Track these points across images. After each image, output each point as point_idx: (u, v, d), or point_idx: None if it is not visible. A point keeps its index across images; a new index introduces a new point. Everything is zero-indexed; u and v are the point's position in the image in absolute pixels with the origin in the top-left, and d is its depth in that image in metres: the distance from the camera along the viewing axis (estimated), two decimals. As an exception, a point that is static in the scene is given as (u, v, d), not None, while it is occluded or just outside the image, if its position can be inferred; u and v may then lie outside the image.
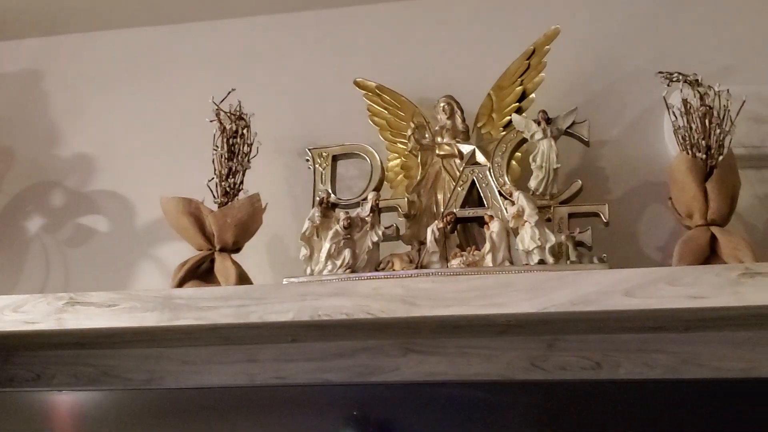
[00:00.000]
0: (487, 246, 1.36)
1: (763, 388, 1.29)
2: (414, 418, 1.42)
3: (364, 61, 1.68)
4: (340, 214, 1.44)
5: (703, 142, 1.34)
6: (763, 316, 1.24)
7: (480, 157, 1.46)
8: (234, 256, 1.49)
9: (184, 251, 1.54)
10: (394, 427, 1.44)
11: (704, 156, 1.34)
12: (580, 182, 1.40)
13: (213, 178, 1.51)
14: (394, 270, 1.39)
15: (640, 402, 1.33)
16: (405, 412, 1.43)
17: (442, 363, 1.44)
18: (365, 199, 1.45)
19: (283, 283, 1.39)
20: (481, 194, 1.44)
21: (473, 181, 1.44)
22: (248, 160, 1.52)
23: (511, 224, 1.37)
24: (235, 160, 1.51)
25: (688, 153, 1.35)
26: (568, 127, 1.42)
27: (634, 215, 1.48)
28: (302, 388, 1.48)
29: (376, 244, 1.42)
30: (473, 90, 1.52)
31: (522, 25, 1.58)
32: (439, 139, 1.51)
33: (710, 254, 1.32)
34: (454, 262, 1.37)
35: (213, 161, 1.51)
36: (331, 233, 1.42)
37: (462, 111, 1.51)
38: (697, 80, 1.36)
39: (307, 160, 1.54)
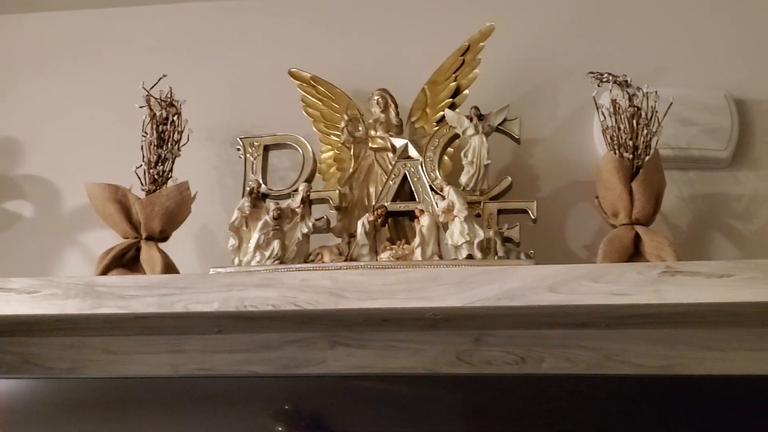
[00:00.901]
0: (417, 240, 1.37)
1: (681, 386, 1.32)
2: (340, 411, 1.42)
3: (299, 51, 1.67)
4: (270, 204, 1.42)
5: (631, 142, 1.36)
6: (682, 314, 1.26)
7: (413, 152, 1.46)
8: (161, 245, 1.47)
9: (110, 239, 1.50)
10: (320, 419, 1.43)
11: (631, 156, 1.36)
12: (509, 179, 1.41)
13: (141, 165, 1.48)
14: (323, 262, 1.38)
15: (563, 397, 1.35)
16: (331, 405, 1.43)
17: (369, 356, 1.44)
18: (296, 190, 1.44)
19: (210, 273, 1.38)
20: (413, 188, 1.44)
21: (405, 175, 1.44)
22: (178, 148, 1.50)
23: (441, 219, 1.37)
24: (164, 148, 1.49)
25: (615, 153, 1.37)
26: (499, 124, 1.43)
27: (562, 213, 1.50)
28: (228, 380, 1.46)
29: (306, 236, 1.41)
30: (408, 84, 1.52)
31: (457, 21, 1.59)
32: (372, 132, 1.50)
33: (634, 253, 1.34)
34: (384, 256, 1.37)
35: (142, 148, 1.49)
36: (260, 224, 1.40)
37: (396, 105, 1.51)
38: (626, 81, 1.38)
39: (238, 150, 1.52)
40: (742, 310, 1.22)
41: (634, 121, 1.36)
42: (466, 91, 1.48)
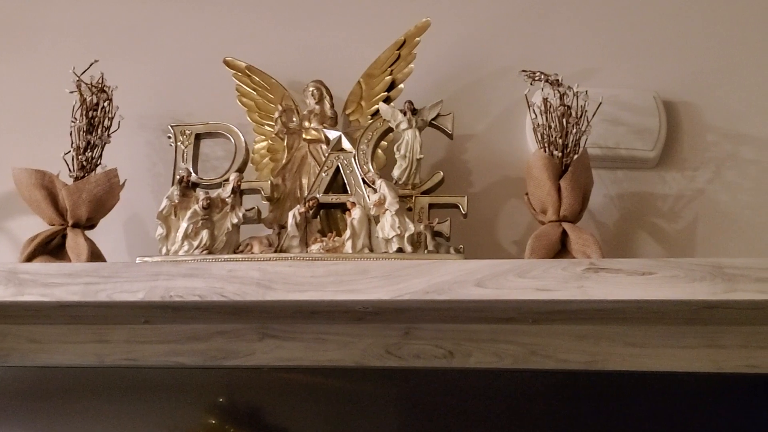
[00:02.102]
0: (348, 232, 1.37)
1: (604, 381, 1.35)
2: (269, 403, 1.42)
3: (235, 40, 1.65)
4: (200, 194, 1.41)
5: (560, 140, 1.38)
6: (606, 310, 1.28)
7: (346, 144, 1.46)
8: (88, 232, 1.44)
9: (36, 226, 1.47)
10: (249, 411, 1.43)
11: (560, 154, 1.38)
12: (441, 173, 1.42)
13: (70, 151, 1.46)
14: (252, 253, 1.38)
15: (490, 390, 1.37)
16: (260, 397, 1.42)
17: (298, 348, 1.43)
18: (227, 180, 1.43)
19: (136, 262, 1.36)
20: (345, 181, 1.44)
21: (338, 167, 1.44)
22: (108, 135, 1.48)
23: (373, 212, 1.38)
24: (94, 134, 1.46)
25: (545, 150, 1.38)
26: (433, 119, 1.43)
27: (493, 209, 1.51)
28: (154, 371, 1.45)
29: (235, 226, 1.40)
30: (344, 76, 1.52)
31: (394, 15, 1.59)
32: (306, 124, 1.50)
33: (561, 249, 1.36)
34: (314, 248, 1.37)
35: (71, 134, 1.46)
36: (189, 213, 1.39)
37: (331, 97, 1.51)
38: (557, 80, 1.40)
39: (169, 138, 1.50)
40: (663, 308, 1.25)
41: (564, 120, 1.38)
42: (402, 86, 1.48)
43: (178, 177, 1.44)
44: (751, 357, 1.33)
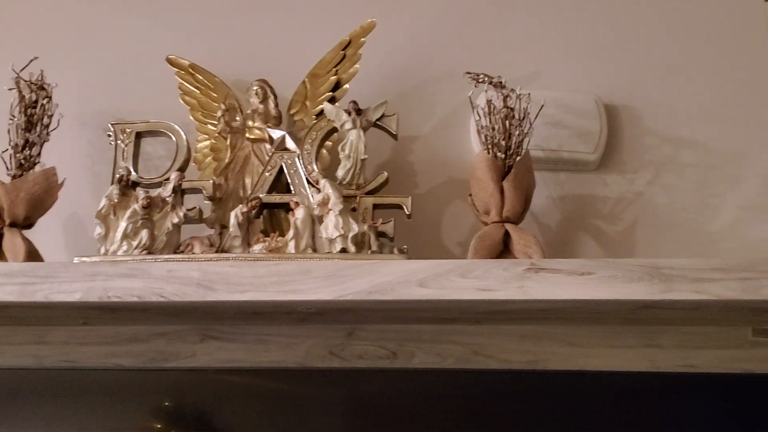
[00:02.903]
0: (291, 233, 1.36)
1: (544, 380, 1.36)
2: (210, 405, 1.40)
3: (179, 38, 1.63)
4: (140, 193, 1.39)
5: (504, 142, 1.39)
6: (547, 311, 1.30)
7: (290, 144, 1.45)
8: (25, 232, 1.41)
9: (-28, 225, 1.44)
10: (190, 413, 1.42)
11: (503, 156, 1.39)
12: (386, 174, 1.42)
13: (7, 149, 1.43)
14: (193, 253, 1.36)
15: (433, 391, 1.37)
16: (201, 399, 1.41)
17: (240, 350, 1.42)
18: (168, 179, 1.41)
19: (74, 262, 1.33)
20: (289, 180, 1.43)
21: (282, 167, 1.43)
22: (47, 133, 1.45)
23: (317, 212, 1.37)
24: (32, 132, 1.43)
25: (489, 152, 1.39)
26: (377, 120, 1.43)
27: (438, 210, 1.51)
28: (93, 373, 1.43)
29: (176, 226, 1.38)
30: (288, 76, 1.51)
31: (340, 16, 1.59)
32: (250, 123, 1.49)
33: (503, 250, 1.37)
34: (256, 248, 1.36)
35: (9, 131, 1.43)
36: (128, 212, 1.37)
37: (275, 96, 1.50)
38: (501, 83, 1.41)
39: (110, 136, 1.48)
40: (602, 308, 1.26)
41: (507, 122, 1.39)
42: (347, 86, 1.48)
43: (117, 176, 1.42)
44: (688, 357, 1.35)
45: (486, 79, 1.41)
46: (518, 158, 1.38)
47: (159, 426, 1.40)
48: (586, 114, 1.50)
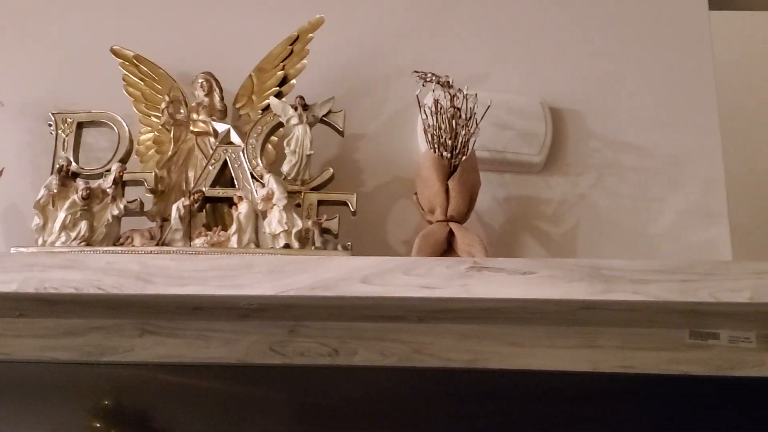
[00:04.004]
0: (234, 227, 1.35)
1: (485, 379, 1.37)
2: (147, 400, 1.38)
3: (124, 28, 1.60)
4: (80, 184, 1.36)
5: (450, 141, 1.39)
6: (489, 309, 1.30)
7: (235, 138, 1.43)
8: (-40, 222, 1.38)
9: None
10: (126, 409, 1.39)
11: (449, 155, 1.39)
12: (331, 170, 1.42)
13: (-56, 138, 1.40)
14: (133, 246, 1.34)
15: (374, 388, 1.37)
16: (138, 395, 1.39)
17: (179, 345, 1.40)
18: (109, 170, 1.38)
19: (10, 252, 1.30)
20: (233, 175, 1.41)
21: (226, 160, 1.42)
22: (-15, 121, 1.42)
23: (260, 207, 1.36)
24: (-30, 120, 1.40)
25: (435, 151, 1.40)
26: (324, 116, 1.43)
27: (383, 208, 1.51)
28: (29, 366, 1.40)
29: (116, 218, 1.36)
30: (235, 70, 1.49)
31: (289, 10, 1.57)
32: (194, 116, 1.47)
33: (447, 249, 1.37)
34: (198, 242, 1.34)
35: (-54, 120, 1.40)
36: (67, 203, 1.34)
37: (221, 89, 1.48)
38: (448, 82, 1.41)
39: (50, 125, 1.45)
40: (543, 307, 1.27)
41: (454, 122, 1.39)
42: (294, 81, 1.47)
43: (57, 166, 1.39)
44: (627, 358, 1.37)
45: (434, 78, 1.42)
46: (464, 158, 1.39)
47: (98, 425, 1.38)
48: (532, 116, 1.52)
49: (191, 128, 1.46)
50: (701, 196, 1.50)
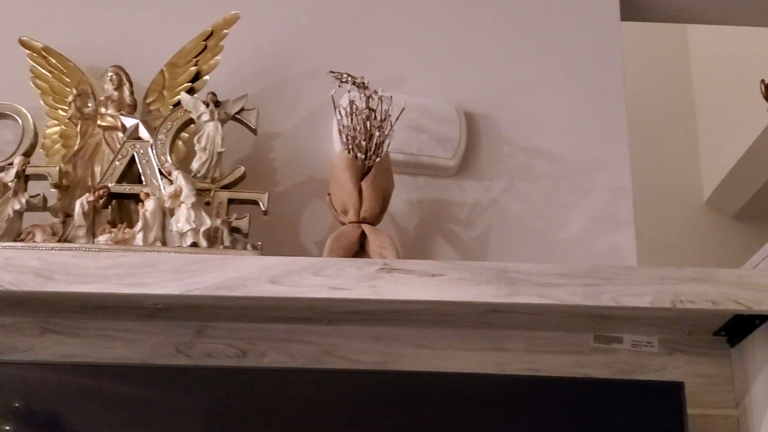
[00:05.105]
0: (140, 224, 1.32)
1: (394, 380, 1.36)
2: (46, 401, 1.33)
3: (33, 19, 1.56)
4: (-20, 177, 1.32)
5: (364, 143, 1.39)
6: (397, 312, 1.30)
7: (144, 133, 1.41)
8: None
9: None
10: (20, 408, 1.34)
11: (363, 156, 1.39)
12: (242, 169, 1.40)
13: None
14: (34, 241, 1.30)
15: (282, 390, 1.35)
16: (37, 395, 1.34)
17: (81, 345, 1.36)
18: (11, 163, 1.34)
19: None
20: (141, 171, 1.38)
21: (133, 156, 1.39)
22: None
23: (168, 204, 1.33)
24: None
25: (349, 152, 1.39)
26: (236, 113, 1.41)
27: (297, 208, 1.50)
28: None
29: (17, 213, 1.32)
30: (146, 64, 1.47)
31: (203, 5, 1.55)
32: (102, 110, 1.43)
33: (359, 250, 1.37)
34: (102, 239, 1.31)
35: None
36: (-34, 197, 1.29)
37: (131, 84, 1.45)
38: (363, 83, 1.41)
39: (-50, 117, 1.40)
40: (452, 309, 1.28)
41: (369, 123, 1.39)
42: (206, 77, 1.45)
43: (-44, 159, 1.34)
44: (533, 360, 1.38)
45: (349, 79, 1.42)
46: (378, 159, 1.39)
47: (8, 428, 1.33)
48: (447, 120, 1.53)
49: (99, 122, 1.43)
50: (609, 203, 1.53)
